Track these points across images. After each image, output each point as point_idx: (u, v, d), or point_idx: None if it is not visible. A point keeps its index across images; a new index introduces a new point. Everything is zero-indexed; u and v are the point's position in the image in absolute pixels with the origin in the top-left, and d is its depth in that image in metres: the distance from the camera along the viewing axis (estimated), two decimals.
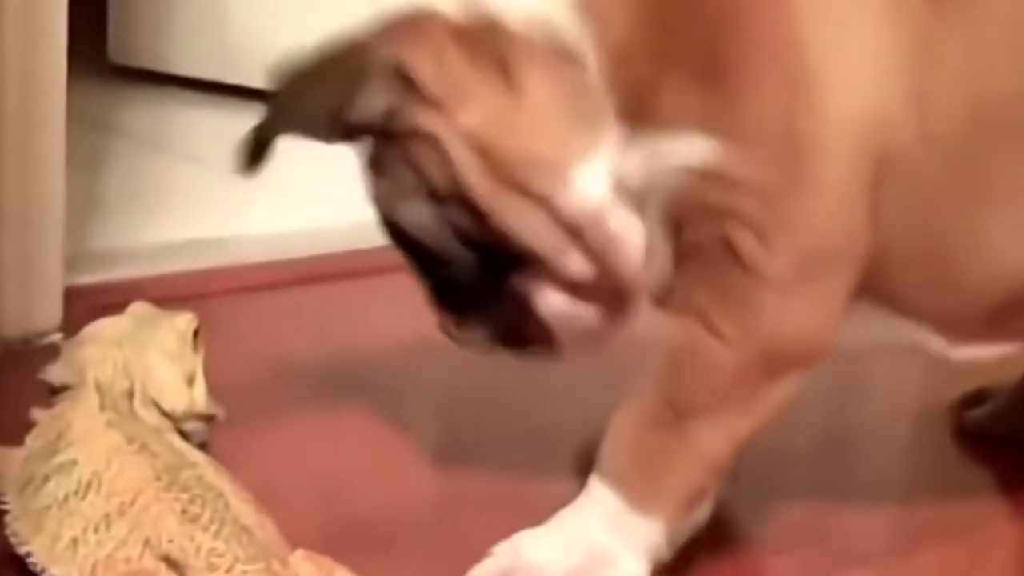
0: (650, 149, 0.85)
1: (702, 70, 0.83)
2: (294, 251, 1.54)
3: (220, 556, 0.80)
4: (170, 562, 0.81)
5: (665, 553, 0.91)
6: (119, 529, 0.82)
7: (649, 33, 0.85)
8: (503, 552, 0.90)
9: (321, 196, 1.73)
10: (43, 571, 0.84)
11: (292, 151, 0.93)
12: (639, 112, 0.85)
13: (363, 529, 1.00)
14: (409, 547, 1.00)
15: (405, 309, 1.42)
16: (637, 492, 0.89)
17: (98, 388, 0.94)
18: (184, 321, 1.03)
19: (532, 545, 0.90)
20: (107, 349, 0.98)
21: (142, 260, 1.45)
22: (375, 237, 1.53)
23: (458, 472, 1.09)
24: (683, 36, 0.84)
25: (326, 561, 0.84)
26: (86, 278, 1.33)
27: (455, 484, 1.08)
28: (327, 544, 0.87)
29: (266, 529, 0.85)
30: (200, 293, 1.35)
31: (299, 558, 0.84)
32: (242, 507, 0.85)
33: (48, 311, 1.24)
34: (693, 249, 0.86)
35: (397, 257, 1.59)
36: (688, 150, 0.83)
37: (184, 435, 0.96)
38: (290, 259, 1.53)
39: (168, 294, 1.10)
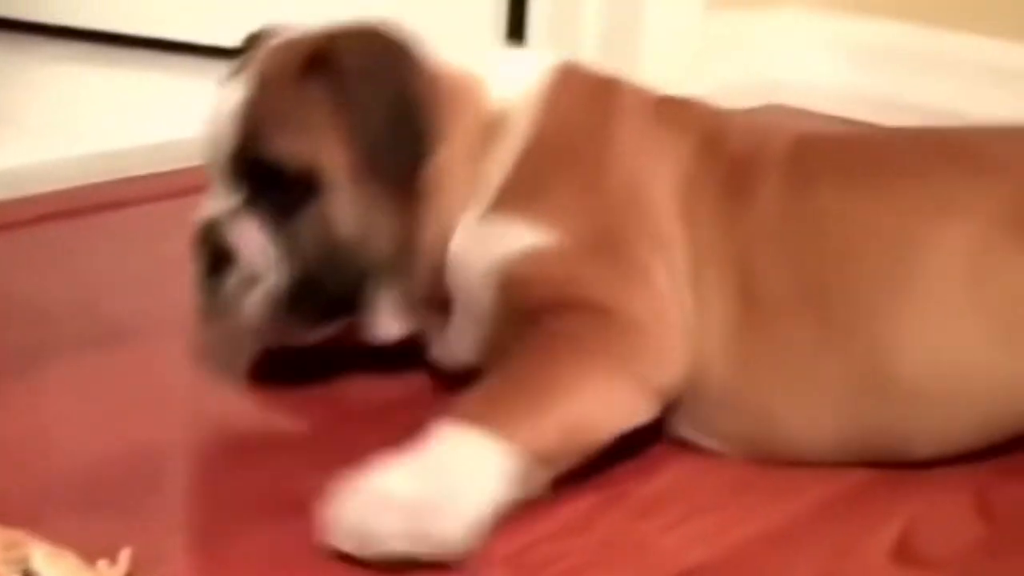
0: None
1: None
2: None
3: None
4: None
5: (511, 499, 0.90)
6: None
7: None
8: (355, 486, 0.88)
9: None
10: None
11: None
12: None
13: (84, 486, 0.96)
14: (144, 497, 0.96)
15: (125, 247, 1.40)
16: (501, 423, 0.89)
17: None
18: None
19: (381, 473, 0.88)
20: None
21: None
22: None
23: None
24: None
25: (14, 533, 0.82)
26: None
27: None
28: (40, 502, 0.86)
29: None
30: None
31: None
32: None
33: None
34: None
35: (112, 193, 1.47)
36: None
37: None
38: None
39: None
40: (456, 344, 1.05)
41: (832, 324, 0.97)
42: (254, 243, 1.01)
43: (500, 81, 1.04)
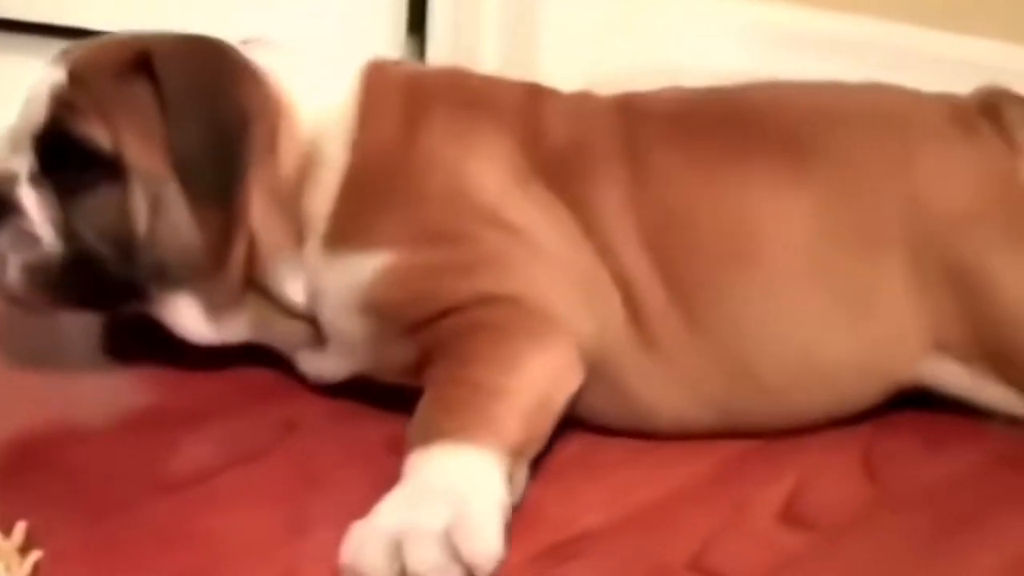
0: None
1: None
2: None
3: None
4: None
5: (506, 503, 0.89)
6: None
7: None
8: (370, 530, 0.86)
9: None
10: None
11: None
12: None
13: None
14: None
15: None
16: (462, 429, 0.90)
17: None
18: None
19: (392, 513, 0.87)
20: None
21: None
22: None
23: None
24: None
25: None
26: None
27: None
28: None
29: None
30: None
31: None
32: None
33: None
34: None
35: None
36: None
37: None
38: None
39: None
40: (332, 364, 1.05)
41: (696, 319, 0.99)
42: (37, 206, 1.02)
43: (310, 103, 1.04)
